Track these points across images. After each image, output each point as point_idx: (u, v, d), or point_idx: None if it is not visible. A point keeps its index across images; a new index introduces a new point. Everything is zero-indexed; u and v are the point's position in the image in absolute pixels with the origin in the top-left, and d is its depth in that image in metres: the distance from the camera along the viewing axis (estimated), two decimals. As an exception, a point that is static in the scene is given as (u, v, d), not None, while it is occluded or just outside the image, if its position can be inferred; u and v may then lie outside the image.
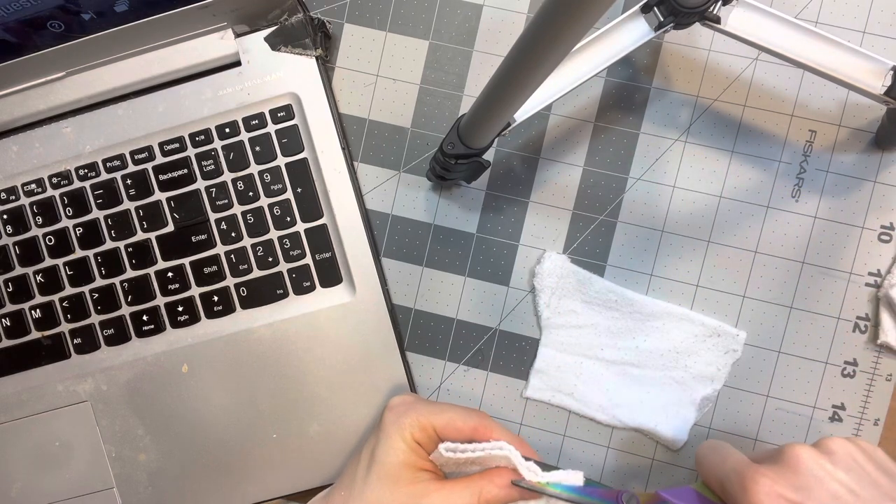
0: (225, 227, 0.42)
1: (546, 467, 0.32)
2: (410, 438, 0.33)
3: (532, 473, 0.31)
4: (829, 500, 0.27)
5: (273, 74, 0.42)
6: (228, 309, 0.42)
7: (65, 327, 0.43)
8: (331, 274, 0.42)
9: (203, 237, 0.42)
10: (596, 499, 0.31)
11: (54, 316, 0.43)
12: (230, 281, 0.42)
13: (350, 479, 0.34)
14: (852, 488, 0.28)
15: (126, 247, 0.43)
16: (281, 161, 0.42)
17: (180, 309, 0.42)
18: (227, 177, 0.42)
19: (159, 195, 0.42)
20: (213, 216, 0.42)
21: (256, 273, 0.42)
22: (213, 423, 0.42)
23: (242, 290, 0.42)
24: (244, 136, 0.42)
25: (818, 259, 0.41)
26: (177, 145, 0.42)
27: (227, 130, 0.42)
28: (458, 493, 0.31)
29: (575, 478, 0.32)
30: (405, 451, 0.32)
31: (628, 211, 0.42)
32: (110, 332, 0.43)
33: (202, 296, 0.42)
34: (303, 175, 0.42)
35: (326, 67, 0.43)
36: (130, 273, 0.43)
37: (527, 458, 0.32)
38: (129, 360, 0.43)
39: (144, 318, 0.43)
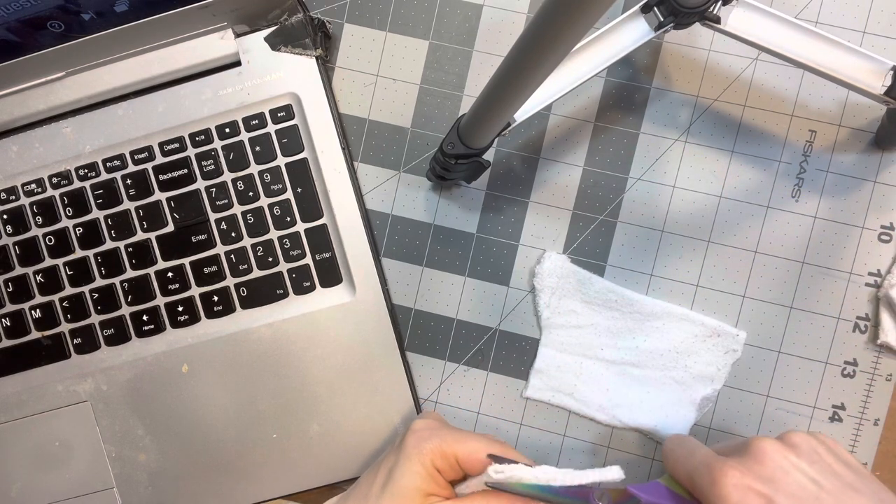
0: (225, 227, 0.42)
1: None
2: (430, 465, 0.33)
3: (571, 477, 0.31)
4: (795, 490, 0.28)
5: (273, 74, 0.42)
6: (228, 309, 0.42)
7: (65, 327, 0.43)
8: (331, 274, 0.42)
9: (203, 237, 0.42)
10: (568, 497, 0.32)
11: (54, 316, 0.43)
12: (230, 281, 0.42)
13: (364, 492, 0.34)
14: (816, 479, 0.29)
15: (126, 247, 0.43)
16: (281, 161, 0.42)
17: (180, 309, 0.42)
18: (227, 177, 0.42)
19: (159, 195, 0.42)
20: (213, 216, 0.42)
21: (256, 273, 0.42)
22: (213, 423, 0.42)
23: (242, 290, 0.42)
24: (244, 136, 0.42)
25: (818, 259, 0.41)
26: (177, 145, 0.42)
27: (227, 130, 0.42)
28: None
29: (615, 473, 0.32)
30: (423, 476, 0.32)
31: (628, 211, 0.42)
32: (110, 332, 0.43)
33: (202, 296, 0.42)
34: (303, 175, 0.42)
35: (326, 67, 0.43)
36: (130, 273, 0.43)
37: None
38: (129, 360, 0.43)
39: (144, 318, 0.43)
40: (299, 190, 0.42)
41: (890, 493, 0.29)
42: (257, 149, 0.42)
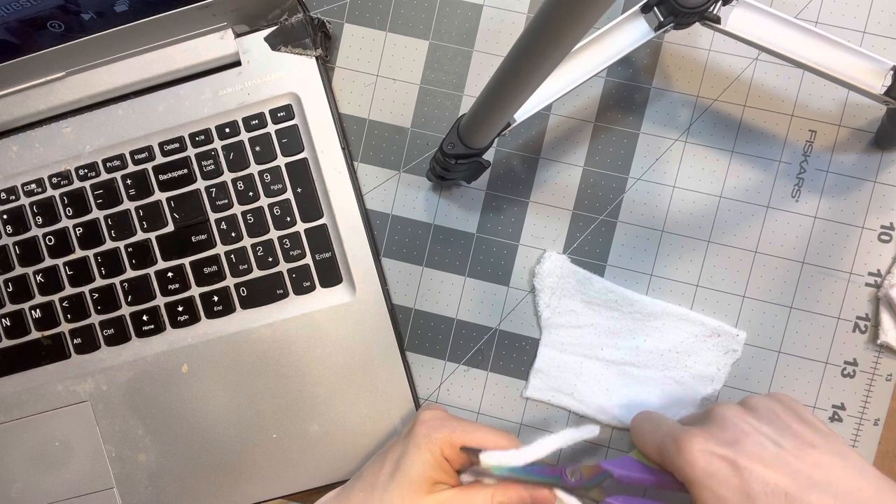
0: (225, 227, 0.42)
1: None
2: (439, 453, 0.34)
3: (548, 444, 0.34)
4: (757, 451, 0.29)
5: (273, 74, 0.42)
6: (228, 309, 0.42)
7: (65, 327, 0.43)
8: (331, 274, 0.42)
9: (203, 237, 0.42)
10: (541, 476, 0.33)
11: (54, 316, 0.43)
12: (230, 281, 0.42)
13: (371, 482, 0.34)
14: (775, 440, 0.30)
15: (126, 247, 0.43)
16: (281, 161, 0.42)
17: (180, 309, 0.42)
18: (227, 177, 0.42)
19: (159, 195, 0.42)
20: (213, 216, 0.42)
21: (256, 273, 0.42)
22: (213, 423, 0.42)
23: (242, 290, 0.42)
24: (244, 136, 0.42)
25: (818, 259, 0.41)
26: (177, 145, 0.42)
27: (227, 130, 0.42)
28: (472, 496, 0.33)
29: (591, 430, 0.35)
30: (432, 464, 0.33)
31: (628, 211, 0.42)
32: (110, 332, 0.43)
33: (202, 296, 0.42)
34: (303, 175, 0.42)
35: (326, 67, 0.43)
36: (130, 273, 0.43)
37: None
38: (129, 360, 0.43)
39: (144, 318, 0.43)
40: (299, 190, 0.42)
41: (848, 447, 0.30)
42: (257, 149, 0.42)
